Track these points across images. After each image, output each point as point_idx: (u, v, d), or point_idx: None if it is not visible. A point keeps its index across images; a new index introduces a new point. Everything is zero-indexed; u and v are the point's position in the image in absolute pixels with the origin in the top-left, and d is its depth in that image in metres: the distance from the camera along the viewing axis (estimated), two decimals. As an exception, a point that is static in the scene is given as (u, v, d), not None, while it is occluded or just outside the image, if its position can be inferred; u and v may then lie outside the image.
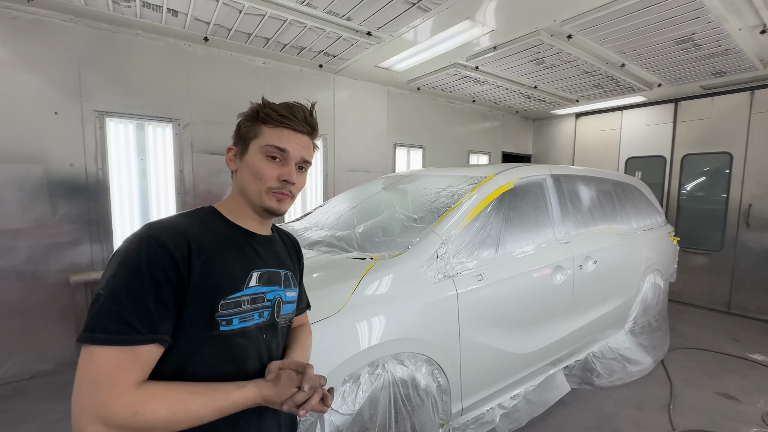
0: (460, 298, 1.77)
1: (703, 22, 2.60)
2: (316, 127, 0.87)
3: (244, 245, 0.81)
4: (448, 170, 2.65)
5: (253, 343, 0.78)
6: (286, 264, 0.91)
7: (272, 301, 0.83)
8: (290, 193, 0.82)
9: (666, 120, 4.88)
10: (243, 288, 0.76)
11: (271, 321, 0.83)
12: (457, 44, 3.12)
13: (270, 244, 0.88)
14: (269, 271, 0.83)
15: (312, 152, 0.87)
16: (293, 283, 0.91)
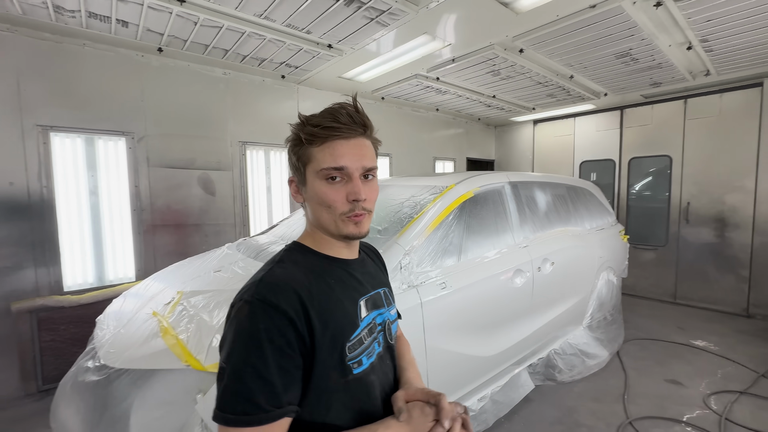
0: (425, 307, 1.81)
1: (638, 39, 2.84)
2: (368, 122, 0.73)
3: (344, 276, 0.75)
4: (411, 180, 2.71)
5: (378, 375, 0.74)
6: (381, 280, 0.85)
7: (383, 324, 0.79)
8: (365, 210, 0.72)
9: (613, 126, 5.25)
10: (359, 322, 0.72)
11: (387, 345, 0.79)
12: (418, 57, 3.21)
13: (363, 266, 0.82)
14: (372, 294, 0.78)
15: (373, 153, 0.74)
16: (392, 299, 0.86)
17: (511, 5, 2.37)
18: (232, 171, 3.59)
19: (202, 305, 1.58)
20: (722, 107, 4.33)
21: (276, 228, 2.83)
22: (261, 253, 2.18)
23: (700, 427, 2.27)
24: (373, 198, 0.74)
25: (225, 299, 1.59)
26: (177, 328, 1.46)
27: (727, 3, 2.30)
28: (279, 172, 3.95)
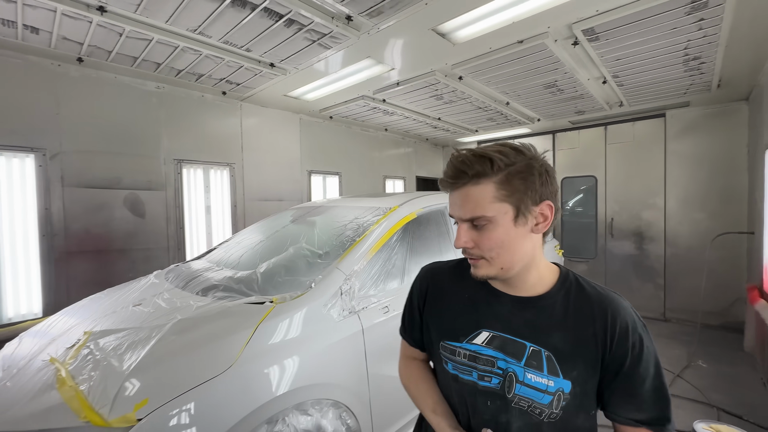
0: (367, 334, 1.77)
1: (562, 72, 3.13)
2: (473, 169, 0.68)
3: (481, 302, 0.78)
4: (356, 201, 2.70)
5: (467, 399, 0.77)
6: (550, 341, 0.71)
7: (503, 371, 0.73)
8: (476, 255, 0.72)
9: (547, 148, 5.69)
10: (463, 341, 0.77)
11: (500, 392, 0.73)
12: (363, 79, 3.26)
13: (526, 309, 0.74)
14: (505, 336, 0.74)
15: (483, 200, 0.68)
16: (549, 368, 0.70)
17: (448, 36, 2.49)
18: (166, 190, 3.33)
19: (111, 347, 1.40)
20: (635, 134, 4.90)
21: (214, 252, 2.65)
22: (192, 282, 2.01)
23: None
24: (486, 245, 0.70)
25: (141, 339, 1.42)
26: (78, 377, 1.27)
27: (632, 45, 2.62)
28: (220, 192, 3.75)
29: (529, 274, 0.75)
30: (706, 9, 2.13)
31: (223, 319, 1.52)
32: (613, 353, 0.68)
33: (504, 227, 0.70)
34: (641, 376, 0.67)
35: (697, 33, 2.43)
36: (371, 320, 1.81)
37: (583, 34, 2.41)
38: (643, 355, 0.68)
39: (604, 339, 0.69)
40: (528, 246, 0.72)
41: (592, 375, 0.70)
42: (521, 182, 0.69)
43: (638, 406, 0.68)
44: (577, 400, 0.70)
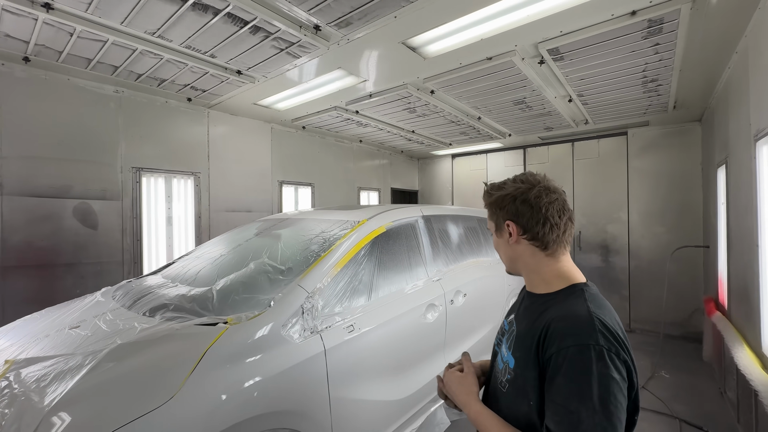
0: (329, 355, 1.68)
1: (530, 90, 3.21)
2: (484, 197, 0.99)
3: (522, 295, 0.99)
4: (324, 213, 2.62)
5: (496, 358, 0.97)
6: (520, 324, 0.90)
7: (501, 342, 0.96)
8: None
9: (518, 163, 5.84)
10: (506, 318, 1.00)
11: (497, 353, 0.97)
12: (335, 90, 3.22)
13: (527, 300, 0.93)
14: (512, 319, 0.95)
15: (488, 218, 1.00)
16: (511, 345, 0.88)
17: (419, 50, 2.50)
18: (122, 200, 3.12)
19: (35, 378, 1.24)
20: (600, 150, 5.10)
21: (172, 266, 2.49)
22: (140, 301, 1.85)
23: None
24: (495, 248, 1.00)
25: (71, 368, 1.27)
26: (-12, 416, 1.11)
27: (595, 66, 2.72)
28: (183, 202, 3.56)
29: (532, 276, 0.92)
30: (661, 34, 2.24)
31: (169, 344, 1.39)
32: (544, 353, 0.76)
33: (495, 236, 0.98)
34: (558, 388, 0.71)
35: (653, 56, 2.55)
36: (335, 340, 1.72)
37: (549, 53, 2.48)
38: (567, 365, 0.70)
39: (539, 337, 0.78)
40: (510, 253, 0.94)
41: (529, 366, 0.78)
42: (496, 208, 0.94)
43: (551, 415, 0.71)
44: (518, 381, 0.81)
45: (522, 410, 0.78)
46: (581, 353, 0.69)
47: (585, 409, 0.67)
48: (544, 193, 0.88)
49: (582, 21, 2.15)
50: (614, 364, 0.69)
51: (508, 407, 0.82)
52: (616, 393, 0.67)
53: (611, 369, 0.68)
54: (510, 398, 0.82)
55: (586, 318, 0.74)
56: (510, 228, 0.90)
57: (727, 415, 2.71)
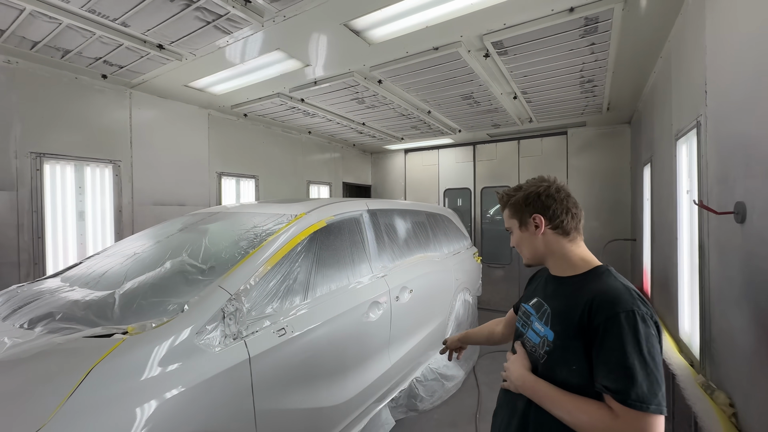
0: (255, 363, 1.50)
1: (477, 85, 3.21)
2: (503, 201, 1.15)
3: (544, 281, 1.12)
4: (259, 207, 2.41)
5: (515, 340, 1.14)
6: (554, 303, 1.00)
7: (530, 322, 1.06)
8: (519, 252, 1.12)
9: (468, 159, 5.94)
10: (526, 303, 1.13)
11: (523, 335, 1.08)
12: (276, 74, 2.99)
13: (556, 283, 1.05)
14: (540, 300, 1.06)
15: (506, 219, 1.15)
16: (545, 319, 1.00)
17: (363, 35, 2.36)
18: (17, 191, 2.66)
19: None
20: (543, 148, 5.33)
21: (77, 267, 2.14)
22: (21, 310, 1.54)
23: (534, 435, 2.48)
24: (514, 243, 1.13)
25: None
26: None
27: (537, 63, 2.76)
28: (99, 194, 3.13)
29: (558, 261, 1.05)
30: (596, 33, 2.31)
31: (42, 362, 1.14)
32: (590, 323, 0.87)
33: (516, 233, 1.12)
34: (611, 348, 0.82)
35: (590, 56, 2.64)
36: (262, 346, 1.55)
37: (493, 46, 2.47)
38: (615, 330, 0.82)
39: (584, 309, 0.89)
40: (537, 244, 1.07)
41: (572, 336, 0.90)
42: (522, 206, 1.08)
43: (606, 373, 0.82)
44: (559, 351, 0.92)
45: (560, 375, 0.91)
46: (627, 318, 0.82)
47: (638, 362, 0.79)
48: (561, 189, 1.07)
49: (524, 14, 2.14)
50: (651, 325, 0.83)
51: (545, 375, 0.95)
52: (656, 346, 0.82)
53: (651, 328, 0.83)
54: (548, 367, 0.94)
55: (624, 290, 0.88)
56: (536, 220, 1.04)
57: (649, 396, 2.92)
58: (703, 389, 1.59)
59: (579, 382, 0.87)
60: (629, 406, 0.76)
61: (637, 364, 0.78)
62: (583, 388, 0.87)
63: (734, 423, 1.38)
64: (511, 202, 1.11)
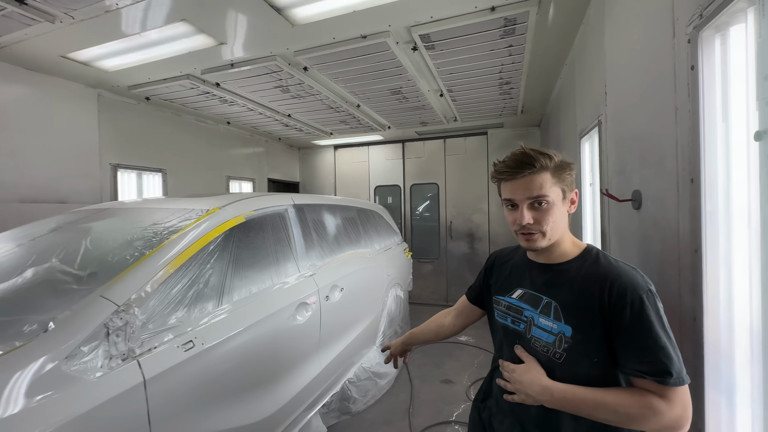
0: (152, 386, 1.25)
1: (405, 80, 3.21)
2: (539, 162, 0.89)
3: (522, 269, 1.04)
4: (162, 202, 2.07)
5: (504, 339, 1.04)
6: (558, 295, 0.92)
7: (527, 318, 0.97)
8: (535, 230, 0.90)
9: (398, 156, 6.01)
10: (506, 295, 1.05)
11: (523, 333, 0.97)
12: (183, 51, 2.62)
13: (550, 272, 0.96)
14: (531, 292, 0.98)
15: (545, 184, 0.89)
16: (555, 315, 0.91)
17: (284, 13, 2.17)
18: None
19: None
20: (467, 147, 5.62)
21: None
22: None
23: (463, 422, 2.55)
24: (546, 220, 0.90)
25: None
26: None
27: (462, 61, 2.85)
28: (-66, 188, 2.41)
29: (557, 247, 0.95)
30: (513, 36, 2.44)
31: None
32: (613, 310, 0.82)
33: (558, 207, 0.91)
34: (642, 332, 0.79)
35: (508, 58, 2.80)
36: (162, 365, 1.29)
37: (421, 39, 2.47)
38: (643, 313, 0.79)
39: (602, 297, 0.84)
40: (563, 223, 0.94)
41: (592, 326, 0.85)
42: (567, 173, 0.92)
43: (641, 358, 0.79)
44: (580, 346, 0.86)
45: (581, 372, 0.86)
46: (648, 299, 0.81)
47: (667, 341, 0.78)
48: None
49: (450, 9, 2.17)
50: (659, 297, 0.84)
51: (566, 374, 0.87)
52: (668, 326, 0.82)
53: (660, 301, 0.83)
54: (569, 365, 0.87)
55: (633, 270, 0.87)
56: (575, 196, 0.96)
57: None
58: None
59: (600, 374, 0.84)
60: (672, 385, 0.76)
61: (668, 343, 0.78)
62: (604, 378, 0.84)
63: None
64: (561, 166, 0.91)
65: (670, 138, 1.18)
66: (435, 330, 1.36)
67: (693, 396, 1.03)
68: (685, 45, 1.06)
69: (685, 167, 1.08)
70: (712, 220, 0.98)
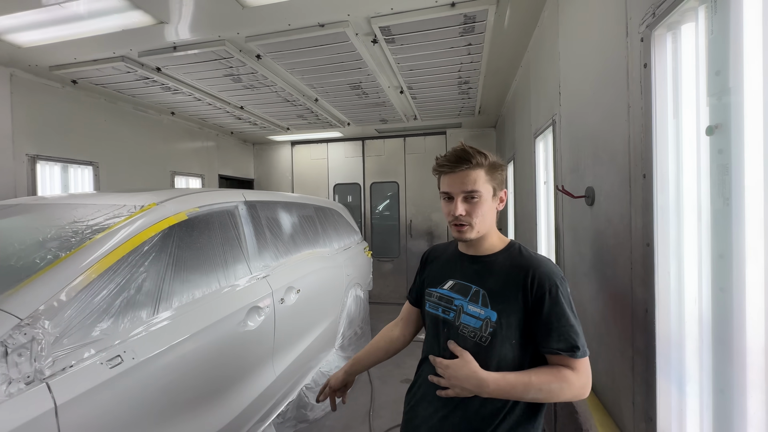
0: (66, 412, 1.06)
1: (365, 74, 3.13)
2: (475, 159, 0.97)
3: (454, 261, 1.11)
4: (88, 197, 1.82)
5: (435, 329, 1.07)
6: (486, 283, 1.00)
7: (457, 307, 1.02)
8: (466, 222, 0.98)
9: (357, 154, 5.92)
10: (437, 287, 1.10)
11: (452, 321, 1.02)
12: (115, 28, 2.33)
13: (479, 263, 1.04)
14: (461, 282, 1.05)
15: (478, 180, 0.98)
16: (483, 302, 0.99)
17: (233, -8, 1.99)
18: None
19: None
20: (426, 146, 5.66)
21: None
22: None
23: (425, 421, 2.53)
24: (477, 212, 0.98)
25: None
26: None
27: (422, 57, 2.82)
28: None
29: (485, 240, 1.04)
30: (472, 34, 2.46)
31: None
32: (535, 295, 0.93)
33: (488, 202, 1.00)
34: (557, 314, 0.91)
35: (466, 57, 2.82)
36: (79, 387, 1.10)
37: (381, 32, 2.40)
38: (558, 297, 0.92)
39: (525, 284, 0.94)
40: (491, 218, 1.03)
41: (515, 311, 0.95)
42: (499, 173, 1.02)
43: (558, 337, 0.90)
44: (503, 330, 0.95)
45: (503, 353, 0.95)
46: (562, 285, 0.94)
47: (575, 321, 0.92)
48: None
49: (410, 1, 2.12)
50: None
51: (490, 356, 0.95)
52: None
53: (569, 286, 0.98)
54: (493, 347, 0.95)
55: (549, 261, 0.99)
56: (504, 196, 1.05)
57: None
58: (562, 354, 1.81)
59: (517, 354, 0.95)
60: (579, 357, 0.89)
61: (575, 322, 0.91)
62: (517, 358, 0.95)
63: (587, 380, 1.58)
64: (495, 165, 1.00)
65: (623, 135, 1.21)
66: (385, 348, 1.26)
67: (645, 386, 1.05)
68: (638, 43, 1.08)
69: (638, 163, 1.11)
70: (663, 215, 1.01)
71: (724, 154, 0.77)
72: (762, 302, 0.70)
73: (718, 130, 0.78)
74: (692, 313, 0.92)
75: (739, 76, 0.72)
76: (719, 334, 0.80)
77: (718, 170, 0.79)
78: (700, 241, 0.88)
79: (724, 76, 0.76)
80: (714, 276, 0.82)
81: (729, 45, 0.75)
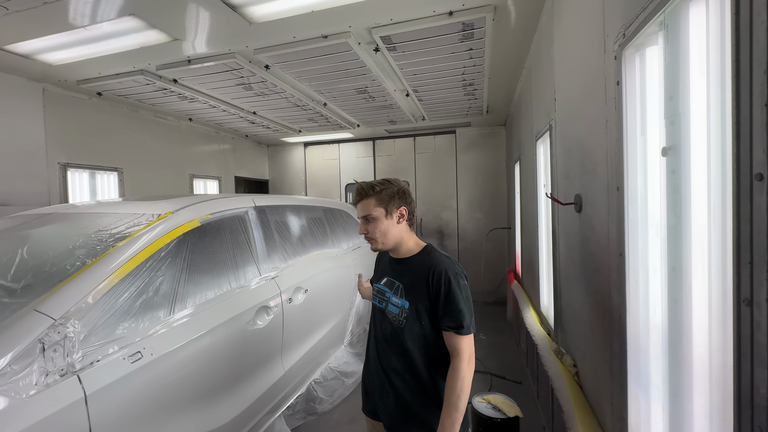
0: (94, 402, 1.21)
1: (370, 79, 3.21)
2: (369, 192, 1.29)
3: (387, 263, 1.39)
4: (112, 206, 1.99)
5: (374, 316, 1.42)
6: (403, 279, 1.29)
7: (387, 298, 1.33)
8: (371, 237, 1.30)
9: (368, 154, 6.01)
10: (377, 283, 1.41)
11: (383, 308, 1.34)
12: (135, 46, 2.50)
13: (400, 264, 1.32)
14: (391, 279, 1.34)
15: (371, 207, 1.27)
16: (401, 293, 1.28)
17: (240, 10, 2.11)
18: None
19: None
20: (436, 146, 5.70)
21: None
22: None
23: (428, 416, 2.62)
24: (374, 230, 1.28)
25: None
26: None
27: (425, 63, 2.88)
28: None
29: (402, 246, 1.31)
30: (473, 39, 2.50)
31: None
32: (434, 286, 1.20)
33: (383, 221, 1.27)
34: (449, 300, 1.18)
35: (469, 61, 2.86)
36: (105, 379, 1.25)
37: (382, 41, 2.47)
38: (450, 288, 1.18)
39: (428, 279, 1.21)
40: (396, 231, 1.29)
41: (422, 299, 1.22)
42: (387, 198, 1.28)
43: (449, 319, 1.18)
44: (414, 314, 1.24)
45: (415, 331, 1.23)
46: (455, 277, 1.20)
47: (464, 305, 1.18)
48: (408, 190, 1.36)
49: (409, 12, 2.19)
50: (464, 277, 1.24)
51: (405, 333, 1.24)
52: (469, 290, 1.23)
53: (465, 279, 1.23)
54: (408, 327, 1.24)
55: (447, 260, 1.25)
56: (402, 211, 1.29)
57: (521, 362, 3.37)
58: (555, 354, 1.86)
59: (425, 332, 1.23)
60: (464, 334, 1.15)
61: (464, 307, 1.17)
62: (427, 335, 1.23)
63: (576, 380, 1.63)
64: (382, 193, 1.27)
65: (602, 147, 1.25)
66: None
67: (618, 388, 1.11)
68: (613, 61, 1.12)
69: (613, 175, 1.16)
70: (633, 226, 1.06)
71: (676, 174, 0.82)
72: (704, 314, 0.75)
73: (671, 151, 0.83)
74: (655, 322, 0.97)
75: (686, 103, 0.78)
76: (673, 342, 0.86)
77: (671, 189, 0.84)
78: (661, 254, 0.93)
79: (676, 101, 0.81)
80: (669, 288, 0.88)
81: (679, 72, 0.80)
